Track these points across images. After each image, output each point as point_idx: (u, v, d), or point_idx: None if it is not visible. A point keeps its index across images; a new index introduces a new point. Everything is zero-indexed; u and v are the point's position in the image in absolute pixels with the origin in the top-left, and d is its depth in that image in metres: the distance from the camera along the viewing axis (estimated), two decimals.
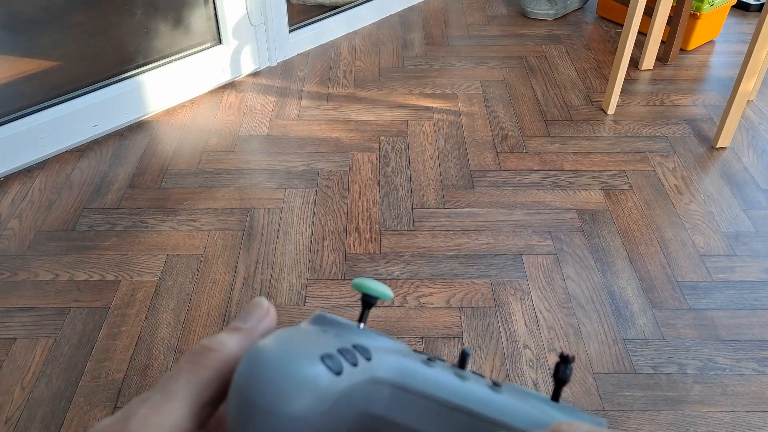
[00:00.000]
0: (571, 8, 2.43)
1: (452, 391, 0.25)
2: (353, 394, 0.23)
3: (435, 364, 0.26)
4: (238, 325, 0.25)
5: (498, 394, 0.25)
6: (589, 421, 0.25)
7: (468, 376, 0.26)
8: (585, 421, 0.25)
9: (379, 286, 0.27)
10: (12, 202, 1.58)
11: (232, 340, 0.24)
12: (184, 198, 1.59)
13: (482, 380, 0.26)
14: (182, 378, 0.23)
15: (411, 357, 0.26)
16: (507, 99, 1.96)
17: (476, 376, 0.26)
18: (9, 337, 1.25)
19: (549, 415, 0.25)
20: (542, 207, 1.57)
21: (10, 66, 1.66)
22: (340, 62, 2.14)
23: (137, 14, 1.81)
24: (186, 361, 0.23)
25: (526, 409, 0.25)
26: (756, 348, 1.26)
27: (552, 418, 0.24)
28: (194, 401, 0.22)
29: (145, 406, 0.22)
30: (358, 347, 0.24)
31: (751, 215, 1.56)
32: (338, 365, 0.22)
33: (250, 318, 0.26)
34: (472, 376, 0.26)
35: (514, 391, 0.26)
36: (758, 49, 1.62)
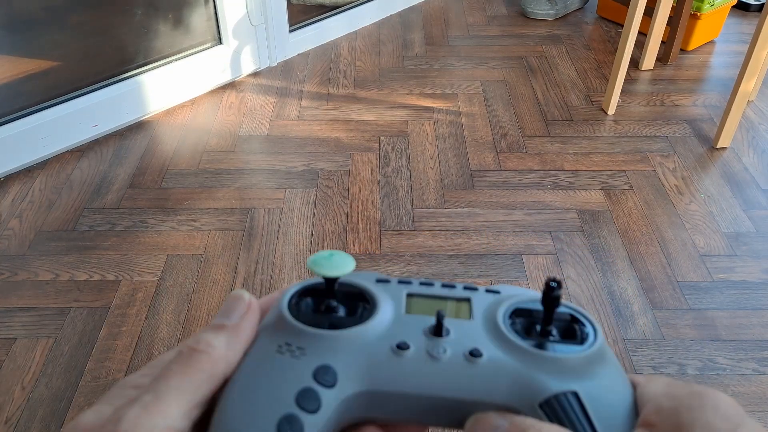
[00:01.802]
0: (571, 8, 2.43)
1: (424, 383, 0.24)
2: (325, 421, 0.23)
3: (406, 351, 0.24)
4: (222, 322, 0.25)
5: (475, 368, 0.24)
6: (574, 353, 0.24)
7: (442, 348, 0.24)
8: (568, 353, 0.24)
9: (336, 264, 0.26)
10: (12, 202, 1.58)
11: (219, 341, 0.24)
12: (185, 198, 1.59)
13: (460, 347, 0.24)
14: (173, 379, 0.22)
15: (379, 349, 0.24)
16: (507, 99, 1.96)
17: (456, 340, 0.25)
18: (9, 337, 1.25)
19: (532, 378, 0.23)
20: (542, 207, 1.57)
21: (10, 66, 1.66)
22: (340, 62, 2.14)
23: (137, 14, 1.81)
24: (175, 362, 0.23)
25: (504, 380, 0.24)
26: (756, 348, 1.26)
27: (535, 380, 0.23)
28: (186, 402, 0.22)
29: (135, 406, 0.21)
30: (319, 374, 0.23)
31: (752, 215, 1.56)
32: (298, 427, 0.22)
33: (232, 313, 0.25)
34: (449, 345, 0.24)
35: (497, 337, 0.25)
36: (758, 49, 1.62)
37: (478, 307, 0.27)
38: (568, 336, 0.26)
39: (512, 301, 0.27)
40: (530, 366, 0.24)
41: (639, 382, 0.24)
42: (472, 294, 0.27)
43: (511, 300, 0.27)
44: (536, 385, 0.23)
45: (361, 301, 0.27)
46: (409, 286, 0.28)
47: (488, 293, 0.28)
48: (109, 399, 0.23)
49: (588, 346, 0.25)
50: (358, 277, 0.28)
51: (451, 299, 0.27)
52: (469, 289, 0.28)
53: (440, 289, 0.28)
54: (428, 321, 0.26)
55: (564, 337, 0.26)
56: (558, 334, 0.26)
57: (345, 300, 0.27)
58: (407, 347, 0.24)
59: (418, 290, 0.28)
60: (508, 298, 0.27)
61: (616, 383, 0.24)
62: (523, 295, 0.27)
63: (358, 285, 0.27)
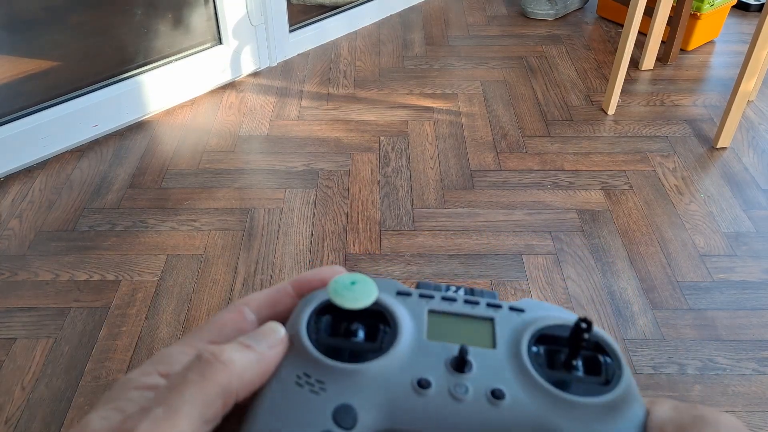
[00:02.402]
0: (571, 8, 2.44)
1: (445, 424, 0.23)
2: None
3: (427, 390, 0.24)
4: (251, 344, 0.24)
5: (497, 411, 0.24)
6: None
7: (464, 388, 0.24)
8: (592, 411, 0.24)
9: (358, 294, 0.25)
10: (12, 202, 1.58)
11: (242, 358, 0.23)
12: (185, 198, 1.59)
13: (482, 385, 0.24)
14: (188, 391, 0.22)
15: (400, 385, 0.24)
16: (507, 99, 1.96)
17: (478, 375, 0.24)
18: (9, 337, 1.25)
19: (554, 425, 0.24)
20: (542, 207, 1.57)
21: (10, 66, 1.66)
22: (340, 62, 2.14)
23: (137, 14, 1.81)
24: (192, 371, 0.22)
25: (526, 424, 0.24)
26: (756, 348, 1.26)
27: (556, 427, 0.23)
28: (197, 417, 0.21)
29: (147, 419, 0.21)
30: (339, 415, 0.23)
31: (752, 215, 1.56)
32: None
33: (262, 341, 0.24)
34: (471, 383, 0.24)
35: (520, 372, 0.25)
36: (758, 49, 1.62)
37: (502, 331, 0.26)
38: (592, 370, 0.25)
39: (536, 326, 0.26)
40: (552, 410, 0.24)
41: (646, 408, 0.25)
42: (495, 313, 0.27)
43: (536, 324, 0.26)
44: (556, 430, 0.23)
45: (382, 322, 0.26)
46: (431, 301, 0.27)
47: (512, 312, 0.27)
48: (114, 401, 0.22)
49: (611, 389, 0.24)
50: (379, 287, 0.27)
51: (474, 319, 0.27)
52: (492, 306, 0.27)
53: (463, 306, 0.27)
54: (451, 350, 0.25)
55: (588, 371, 0.25)
56: (582, 368, 0.25)
57: (365, 319, 0.26)
58: (428, 385, 0.24)
59: (439, 307, 0.27)
60: (533, 321, 0.27)
61: (634, 422, 0.24)
62: (547, 316, 0.27)
63: (379, 303, 0.26)
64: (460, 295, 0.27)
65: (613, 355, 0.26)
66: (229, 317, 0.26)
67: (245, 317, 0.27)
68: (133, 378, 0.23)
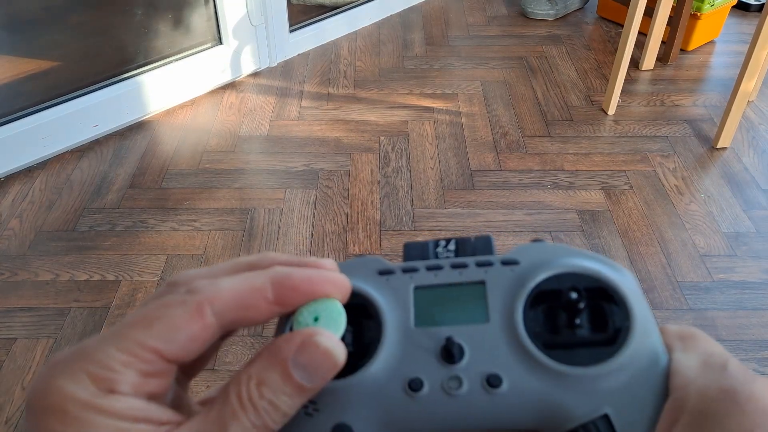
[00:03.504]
0: (571, 8, 2.44)
1: (443, 423, 0.23)
2: None
3: (420, 392, 0.23)
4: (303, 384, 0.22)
5: (494, 399, 0.22)
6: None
7: (458, 381, 0.23)
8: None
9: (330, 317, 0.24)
10: (12, 202, 1.58)
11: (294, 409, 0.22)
12: (185, 198, 1.59)
13: (477, 374, 0.23)
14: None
15: (392, 391, 0.23)
16: (507, 99, 1.96)
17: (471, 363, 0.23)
18: (9, 337, 1.25)
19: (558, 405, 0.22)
20: (542, 207, 1.57)
21: (10, 66, 1.66)
22: (340, 62, 2.14)
23: (137, 14, 1.81)
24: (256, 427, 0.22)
25: (528, 408, 0.22)
26: (756, 348, 1.26)
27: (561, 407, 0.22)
28: None
29: None
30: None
31: (752, 215, 1.56)
32: None
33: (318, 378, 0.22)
34: (464, 373, 0.23)
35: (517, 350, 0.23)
36: (758, 49, 1.62)
37: (494, 296, 0.24)
38: (597, 325, 0.23)
39: (531, 285, 0.24)
40: (554, 388, 0.22)
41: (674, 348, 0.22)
42: (486, 273, 0.25)
43: (531, 282, 0.24)
44: (562, 412, 0.22)
45: (366, 318, 0.25)
46: (415, 276, 0.25)
47: (505, 267, 0.25)
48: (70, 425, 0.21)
49: (619, 347, 0.22)
50: (360, 268, 0.26)
51: (464, 286, 0.25)
52: (483, 265, 0.25)
53: (450, 273, 0.25)
54: (440, 338, 0.23)
55: (594, 327, 0.23)
56: (587, 323, 0.23)
57: (349, 319, 0.24)
58: (420, 386, 0.23)
59: (425, 281, 0.25)
60: (528, 276, 0.24)
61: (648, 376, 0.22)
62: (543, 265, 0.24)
63: (361, 293, 0.25)
64: (447, 261, 0.25)
65: (620, 301, 0.23)
66: (184, 317, 0.22)
67: (205, 322, 0.22)
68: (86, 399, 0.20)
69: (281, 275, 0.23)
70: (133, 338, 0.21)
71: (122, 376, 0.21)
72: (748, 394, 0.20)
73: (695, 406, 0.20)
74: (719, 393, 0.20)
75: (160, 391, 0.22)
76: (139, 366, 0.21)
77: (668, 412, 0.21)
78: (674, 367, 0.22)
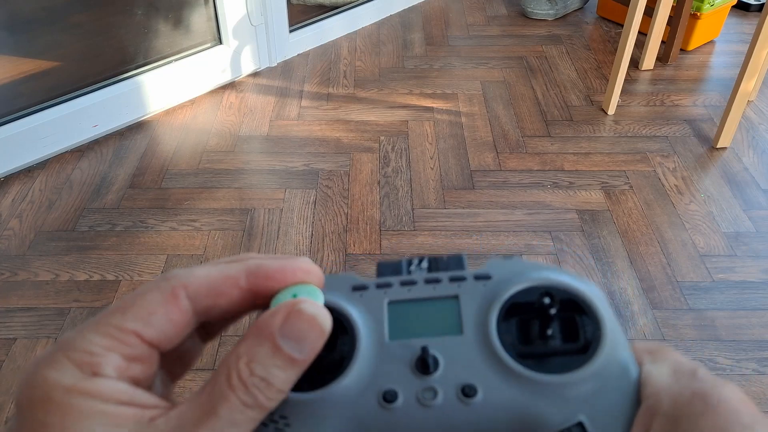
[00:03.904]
0: (571, 8, 2.44)
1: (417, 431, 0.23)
2: None
3: (394, 404, 0.23)
4: (294, 356, 0.22)
5: (470, 410, 0.22)
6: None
7: (433, 392, 0.23)
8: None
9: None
10: (12, 202, 1.58)
11: (288, 384, 0.22)
12: (185, 198, 1.59)
13: (452, 384, 0.23)
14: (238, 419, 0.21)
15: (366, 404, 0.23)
16: (507, 99, 1.96)
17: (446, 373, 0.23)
18: (9, 337, 1.25)
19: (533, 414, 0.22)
20: (542, 207, 1.57)
21: (10, 66, 1.66)
22: (340, 62, 2.14)
23: (137, 14, 1.81)
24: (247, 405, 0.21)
25: (503, 419, 0.22)
26: (756, 348, 1.26)
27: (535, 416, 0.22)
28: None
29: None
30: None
31: (751, 215, 1.56)
32: None
33: (307, 347, 0.22)
34: (439, 384, 0.23)
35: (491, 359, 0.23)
36: (758, 49, 1.62)
37: (468, 309, 0.24)
38: (569, 336, 0.24)
39: (504, 298, 0.24)
40: (529, 397, 0.22)
41: (643, 362, 0.23)
42: (459, 288, 0.25)
43: (503, 295, 0.24)
44: (538, 420, 0.22)
45: (340, 332, 0.24)
46: (389, 291, 0.25)
47: (478, 282, 0.25)
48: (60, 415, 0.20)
49: (591, 355, 0.23)
50: (333, 285, 0.26)
51: (437, 300, 0.25)
52: (456, 280, 0.25)
53: (424, 288, 0.25)
54: (414, 349, 0.24)
55: (565, 337, 0.24)
56: (559, 333, 0.24)
57: None
58: (395, 398, 0.23)
59: (399, 296, 0.25)
60: (500, 290, 0.25)
61: (621, 385, 0.23)
62: (514, 279, 0.25)
63: (334, 307, 0.25)
64: (420, 276, 0.26)
65: (591, 312, 0.24)
66: (159, 301, 0.22)
67: (180, 305, 0.23)
68: (70, 384, 0.20)
69: (254, 264, 0.24)
70: (112, 323, 0.22)
71: (105, 359, 0.21)
72: (718, 395, 0.21)
73: (668, 410, 0.21)
74: (691, 396, 0.21)
75: (144, 377, 0.22)
76: (120, 349, 0.21)
77: (641, 417, 0.22)
78: (645, 377, 0.23)
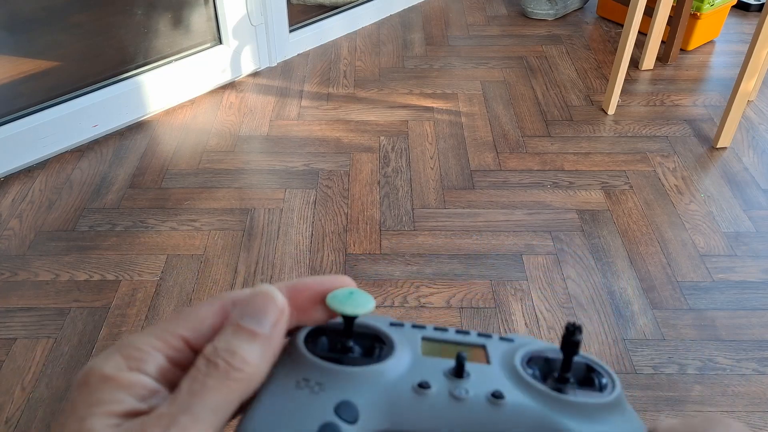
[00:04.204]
0: (571, 8, 2.44)
1: (448, 423, 0.24)
2: None
3: (428, 390, 0.24)
4: (253, 328, 0.23)
5: (498, 410, 0.24)
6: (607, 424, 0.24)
7: (464, 389, 0.24)
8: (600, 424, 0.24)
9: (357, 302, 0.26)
10: (12, 202, 1.58)
11: (253, 355, 0.23)
12: (185, 198, 1.59)
13: (482, 388, 0.24)
14: (208, 397, 0.21)
15: (400, 388, 0.24)
16: (507, 99, 1.96)
17: (476, 382, 0.25)
18: (9, 337, 1.25)
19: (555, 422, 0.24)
20: (542, 207, 1.57)
21: (10, 66, 1.66)
22: (340, 62, 2.14)
23: (137, 14, 1.81)
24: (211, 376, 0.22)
25: (527, 422, 0.24)
26: (756, 348, 1.26)
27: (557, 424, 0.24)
28: (219, 421, 0.21)
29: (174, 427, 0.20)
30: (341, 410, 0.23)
31: (752, 215, 1.56)
32: None
33: (264, 318, 0.23)
34: (470, 386, 0.24)
35: (517, 381, 0.25)
36: (758, 49, 1.62)
37: (494, 353, 0.27)
38: (586, 384, 0.26)
39: (528, 348, 0.27)
40: (552, 410, 0.24)
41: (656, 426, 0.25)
42: (486, 341, 0.28)
43: (526, 347, 0.27)
44: (559, 428, 0.24)
45: (378, 342, 0.26)
46: (423, 330, 0.28)
47: (502, 341, 0.28)
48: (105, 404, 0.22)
49: (608, 394, 0.25)
50: (372, 320, 0.28)
51: (466, 345, 0.27)
52: (483, 336, 0.28)
53: (454, 335, 0.28)
54: (447, 364, 0.26)
55: (582, 385, 0.26)
56: (576, 382, 0.26)
57: (361, 341, 0.26)
58: (429, 386, 0.24)
59: (432, 335, 0.27)
60: (523, 345, 0.27)
61: (636, 422, 0.25)
62: (537, 343, 0.27)
63: (373, 327, 0.27)
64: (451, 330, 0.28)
65: (605, 371, 0.26)
66: (210, 313, 0.24)
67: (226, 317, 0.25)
68: (110, 374, 0.22)
69: (294, 281, 0.26)
70: (165, 328, 0.24)
71: (150, 357, 0.23)
72: (727, 422, 0.22)
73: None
74: (702, 421, 0.23)
75: None
76: (167, 351, 0.23)
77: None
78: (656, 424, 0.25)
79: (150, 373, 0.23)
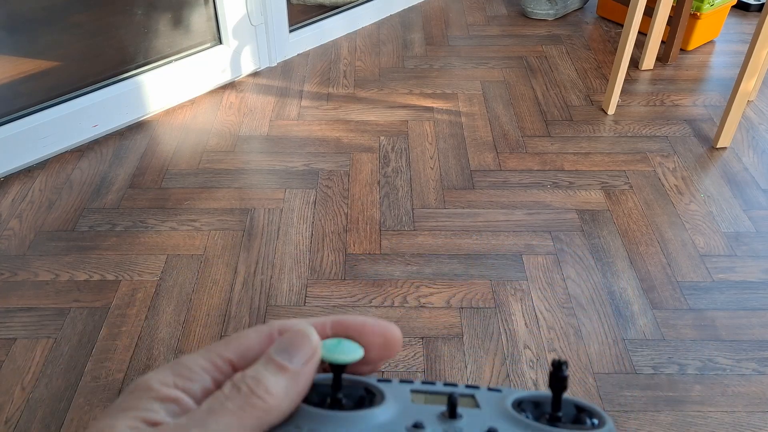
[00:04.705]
0: (571, 8, 2.43)
1: None
2: None
3: (422, 430, 0.24)
4: (285, 363, 0.24)
5: None
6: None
7: (459, 428, 0.24)
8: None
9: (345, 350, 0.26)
10: (12, 202, 1.58)
11: (278, 387, 0.23)
12: (185, 198, 1.59)
13: (477, 426, 0.24)
14: (224, 417, 0.22)
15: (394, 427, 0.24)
16: (507, 99, 1.96)
17: (470, 422, 0.25)
18: (9, 337, 1.25)
19: None
20: (542, 207, 1.57)
21: (10, 66, 1.66)
22: (340, 62, 2.14)
23: (137, 14, 1.81)
24: (232, 400, 0.22)
25: None
26: (756, 348, 1.26)
27: None
28: None
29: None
30: None
31: (751, 215, 1.56)
32: None
33: (296, 354, 0.24)
34: (465, 424, 0.24)
35: (510, 419, 0.25)
36: (758, 49, 1.62)
37: (484, 401, 0.27)
38: (577, 423, 0.26)
39: (516, 395, 0.27)
40: None
41: None
42: (474, 391, 0.28)
43: (515, 394, 0.27)
44: None
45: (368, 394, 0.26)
46: (411, 384, 0.28)
47: (490, 391, 0.28)
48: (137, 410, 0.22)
49: (600, 427, 0.25)
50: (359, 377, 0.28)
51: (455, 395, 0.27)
52: (471, 387, 0.28)
53: (443, 387, 0.28)
54: (439, 408, 0.26)
55: (574, 424, 0.26)
56: (568, 421, 0.26)
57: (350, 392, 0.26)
58: (423, 427, 0.24)
59: (420, 387, 0.28)
60: (511, 393, 0.27)
61: None
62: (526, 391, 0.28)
63: (362, 380, 0.27)
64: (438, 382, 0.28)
65: (594, 412, 0.26)
66: (257, 340, 0.26)
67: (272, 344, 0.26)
68: (154, 386, 0.23)
69: (340, 316, 0.28)
70: (215, 350, 0.25)
71: (198, 377, 0.24)
72: None
73: None
74: None
75: None
76: (214, 374, 0.24)
77: None
78: None
79: (194, 392, 0.23)
